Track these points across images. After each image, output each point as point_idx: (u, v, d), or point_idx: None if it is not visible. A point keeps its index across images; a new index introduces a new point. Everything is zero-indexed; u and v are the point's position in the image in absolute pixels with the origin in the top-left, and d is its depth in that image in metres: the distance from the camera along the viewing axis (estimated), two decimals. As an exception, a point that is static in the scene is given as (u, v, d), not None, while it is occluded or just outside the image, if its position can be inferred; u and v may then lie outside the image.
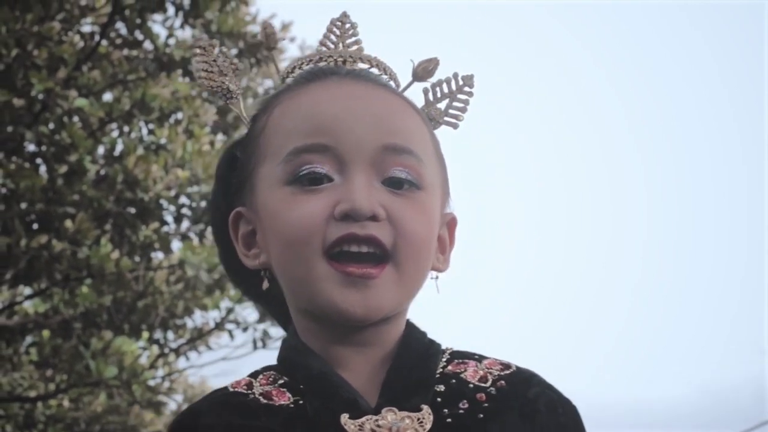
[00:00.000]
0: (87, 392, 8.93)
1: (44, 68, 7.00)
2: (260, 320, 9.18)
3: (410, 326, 1.47)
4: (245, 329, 9.38)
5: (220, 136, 8.79)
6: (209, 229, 8.24)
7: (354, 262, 1.37)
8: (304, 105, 1.45)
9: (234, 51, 8.31)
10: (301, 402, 1.38)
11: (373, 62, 1.54)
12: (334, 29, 1.57)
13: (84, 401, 9.39)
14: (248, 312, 9.30)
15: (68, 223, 7.21)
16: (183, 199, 8.03)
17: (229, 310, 9.03)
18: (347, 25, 1.57)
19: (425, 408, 1.36)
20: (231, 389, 1.43)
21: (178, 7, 7.74)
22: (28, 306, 8.55)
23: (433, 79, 1.58)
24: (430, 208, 1.44)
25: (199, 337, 9.35)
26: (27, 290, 8.37)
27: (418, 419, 1.35)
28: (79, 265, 7.36)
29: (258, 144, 1.48)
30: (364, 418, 1.34)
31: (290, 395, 1.39)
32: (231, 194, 1.52)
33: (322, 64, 1.54)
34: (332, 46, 1.56)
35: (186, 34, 8.13)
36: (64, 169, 7.33)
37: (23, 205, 7.29)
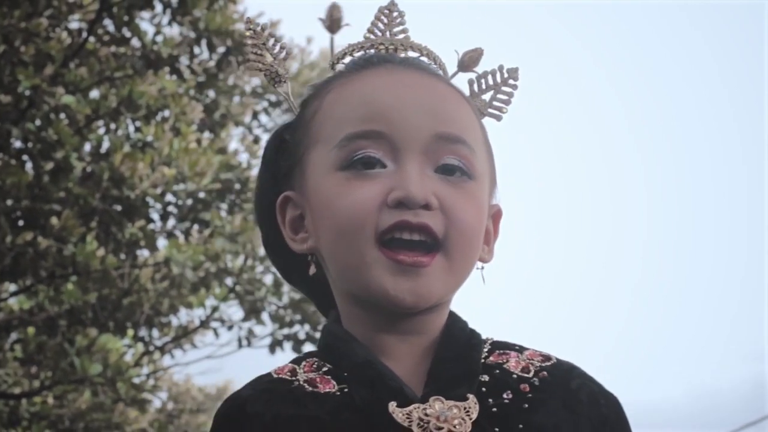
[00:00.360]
0: (71, 389, 8.92)
1: (31, 65, 7.00)
2: (245, 318, 9.20)
3: (453, 315, 1.48)
4: (230, 327, 9.40)
5: (206, 134, 8.79)
6: (195, 227, 8.26)
7: (405, 249, 1.37)
8: (359, 91, 1.45)
9: (221, 49, 8.32)
10: (346, 390, 1.38)
11: (424, 51, 1.55)
12: (382, 17, 1.57)
13: (68, 398, 9.38)
14: (233, 310, 9.33)
15: (54, 220, 7.22)
16: (169, 197, 8.03)
17: (214, 309, 9.04)
18: (395, 14, 1.57)
19: (471, 397, 1.36)
20: (275, 375, 1.43)
21: (166, 5, 7.75)
22: (13, 303, 8.53)
23: (478, 71, 1.59)
24: (481, 199, 1.45)
25: (184, 335, 9.36)
26: (12, 287, 8.36)
27: (465, 408, 1.35)
28: (65, 262, 7.36)
29: (309, 128, 1.48)
30: (411, 407, 1.34)
31: (335, 383, 1.39)
32: (278, 178, 1.53)
33: (371, 51, 1.55)
34: (380, 33, 1.56)
35: (174, 31, 8.14)
36: (50, 166, 7.33)
37: (9, 202, 7.29)
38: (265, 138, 10.41)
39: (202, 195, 8.13)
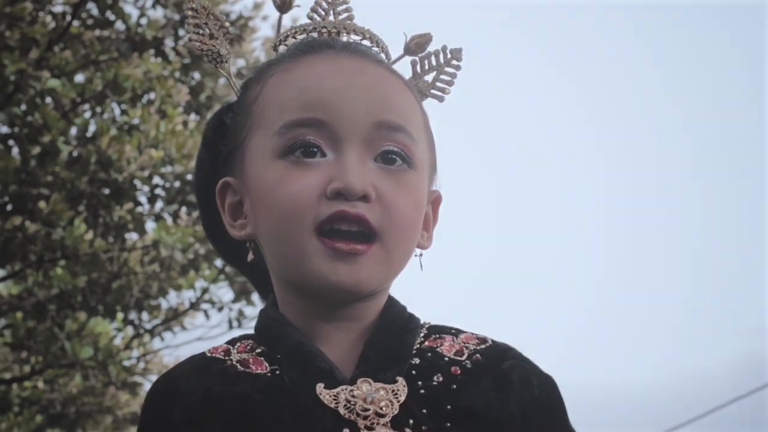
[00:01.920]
0: (62, 374, 8.91)
1: (16, 49, 6.96)
2: (235, 300, 9.18)
3: (390, 300, 1.49)
4: (220, 309, 9.36)
5: (193, 116, 8.77)
6: (183, 209, 8.25)
7: (342, 239, 1.38)
8: (300, 78, 1.45)
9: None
10: (278, 372, 1.39)
11: (366, 34, 1.55)
12: None
13: (59, 383, 9.36)
14: (223, 291, 9.29)
15: (42, 205, 7.19)
16: (157, 180, 8.01)
17: (204, 290, 9.01)
18: None
19: (400, 380, 1.38)
20: (209, 354, 1.45)
21: (150, -13, 7.73)
22: (2, 288, 8.51)
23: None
24: (420, 189, 1.46)
25: (174, 317, 9.33)
26: (1, 272, 8.34)
27: (393, 391, 1.37)
28: (54, 247, 7.34)
29: (250, 113, 1.48)
30: (339, 388, 1.36)
31: (267, 364, 1.40)
32: (218, 161, 1.53)
33: (314, 34, 1.54)
34: (323, 13, 1.56)
35: (158, 13, 8.10)
36: (37, 150, 7.30)
37: (-4, 187, 7.27)
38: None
39: (189, 177, 8.11)
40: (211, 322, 9.60)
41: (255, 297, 9.32)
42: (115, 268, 7.95)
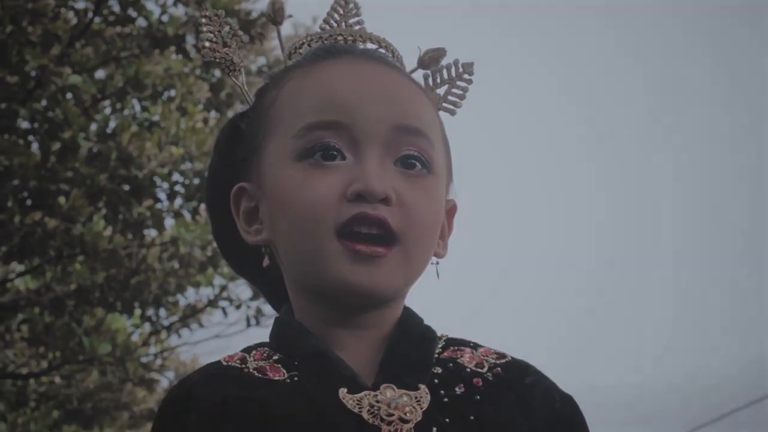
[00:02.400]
0: (79, 369, 8.94)
1: (38, 45, 6.98)
2: (253, 298, 9.19)
3: (407, 311, 1.48)
4: (238, 307, 9.38)
5: (213, 114, 8.78)
6: (202, 207, 8.26)
7: (363, 242, 1.37)
8: (320, 81, 1.44)
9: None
10: (296, 378, 1.38)
11: (382, 43, 1.54)
12: (338, 8, 1.57)
13: (76, 378, 9.40)
14: (241, 289, 9.31)
15: (62, 200, 7.22)
16: (176, 176, 8.02)
17: (223, 288, 9.04)
18: (350, 5, 1.57)
19: (423, 387, 1.37)
20: (224, 363, 1.43)
21: (172, -16, 7.73)
22: (20, 283, 8.54)
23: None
24: (439, 194, 1.45)
25: (191, 314, 9.36)
26: (20, 267, 8.37)
27: (416, 398, 1.36)
28: (73, 242, 7.37)
29: (268, 118, 1.46)
30: (362, 393, 1.35)
31: (285, 371, 1.39)
32: (233, 168, 1.52)
33: (329, 42, 1.53)
34: (335, 24, 1.56)
35: (179, 11, 8.10)
36: (57, 146, 7.31)
37: (16, 182, 7.29)
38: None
39: (209, 174, 8.11)
40: (229, 320, 9.63)
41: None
42: (133, 265, 7.97)
